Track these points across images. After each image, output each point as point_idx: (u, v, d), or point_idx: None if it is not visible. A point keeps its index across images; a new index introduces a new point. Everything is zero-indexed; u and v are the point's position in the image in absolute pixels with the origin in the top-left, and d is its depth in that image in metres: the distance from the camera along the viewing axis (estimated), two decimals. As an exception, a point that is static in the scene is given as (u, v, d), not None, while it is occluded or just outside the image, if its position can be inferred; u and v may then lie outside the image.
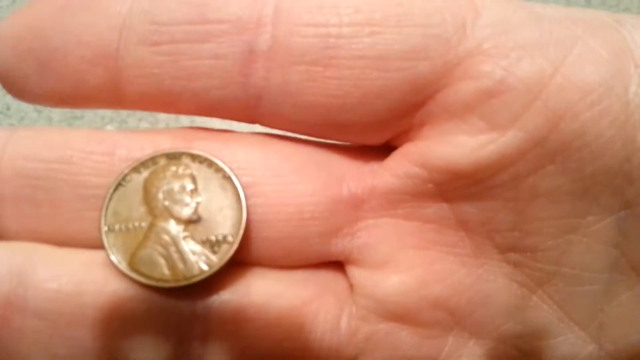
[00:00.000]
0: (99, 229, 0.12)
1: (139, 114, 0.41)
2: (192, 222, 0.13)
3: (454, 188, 0.13)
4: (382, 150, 0.14)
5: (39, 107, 0.41)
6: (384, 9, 0.12)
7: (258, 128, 0.14)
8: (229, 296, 0.13)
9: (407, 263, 0.14)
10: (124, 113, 0.40)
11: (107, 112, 0.41)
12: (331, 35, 0.12)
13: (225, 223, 0.13)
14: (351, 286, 0.14)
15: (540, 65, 0.12)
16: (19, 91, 0.13)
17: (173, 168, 0.13)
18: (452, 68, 0.12)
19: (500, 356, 0.14)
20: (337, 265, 0.14)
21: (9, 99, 0.42)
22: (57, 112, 0.41)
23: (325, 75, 0.12)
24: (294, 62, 0.12)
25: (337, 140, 0.14)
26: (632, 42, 0.12)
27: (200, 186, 0.13)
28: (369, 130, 0.13)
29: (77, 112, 0.40)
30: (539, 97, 0.12)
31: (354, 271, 0.14)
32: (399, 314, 0.14)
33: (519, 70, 0.12)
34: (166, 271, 0.12)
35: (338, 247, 0.14)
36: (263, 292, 0.13)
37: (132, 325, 0.12)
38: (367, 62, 0.12)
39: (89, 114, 0.40)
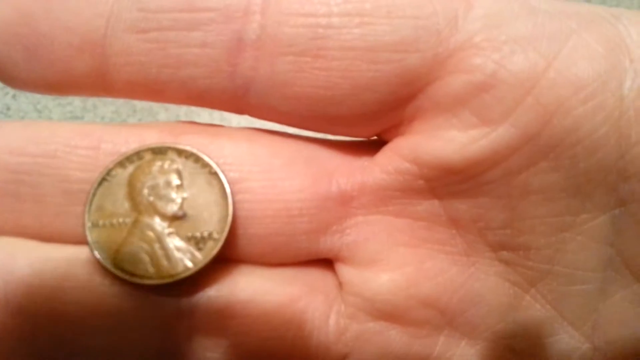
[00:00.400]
0: (83, 225, 0.12)
1: (140, 114, 0.41)
2: (177, 218, 0.13)
3: (445, 184, 0.13)
4: (373, 145, 0.14)
5: (39, 107, 0.42)
6: (375, 0, 0.12)
7: (249, 119, 0.14)
8: (215, 293, 0.13)
9: (397, 261, 0.14)
10: (124, 113, 0.40)
11: (107, 113, 0.41)
12: (320, 25, 0.12)
13: (211, 219, 0.13)
14: (340, 284, 0.14)
15: (533, 59, 0.12)
16: (7, 77, 0.13)
17: (159, 163, 0.13)
18: (443, 61, 0.12)
19: (492, 357, 0.14)
20: (326, 263, 0.14)
21: (8, 99, 0.42)
22: (56, 112, 0.41)
23: (314, 66, 0.12)
24: (282, 52, 0.12)
25: (326, 133, 0.14)
26: (627, 36, 0.12)
27: (186, 182, 0.13)
28: (358, 123, 0.13)
29: (77, 112, 0.41)
30: (532, 92, 0.12)
31: (343, 269, 0.14)
32: (389, 313, 0.13)
33: (511, 64, 0.12)
34: (150, 268, 0.12)
35: (327, 244, 0.14)
36: (249, 289, 0.13)
37: (116, 322, 0.12)
38: (356, 53, 0.12)
39: (89, 115, 0.41)
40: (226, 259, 0.13)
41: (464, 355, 0.14)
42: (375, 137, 0.15)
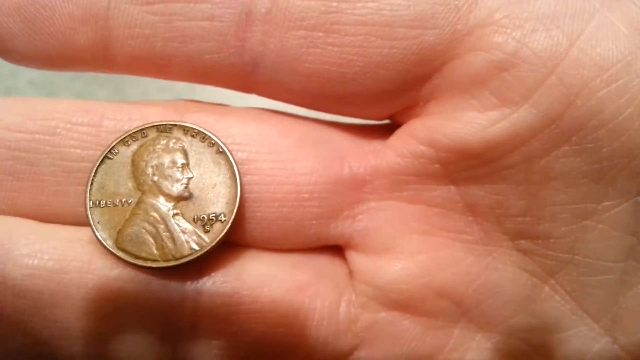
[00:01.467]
0: (84, 205, 0.12)
1: None
2: (183, 199, 0.12)
3: (462, 169, 0.13)
4: (385, 129, 0.14)
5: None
6: None
7: (253, 102, 0.14)
8: (221, 278, 0.12)
9: (411, 249, 0.13)
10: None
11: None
12: None
13: (218, 201, 0.12)
14: (351, 272, 0.14)
15: (556, 38, 0.12)
16: (4, 51, 0.13)
17: (163, 141, 0.13)
18: (461, 38, 0.12)
19: (508, 350, 0.13)
20: (336, 249, 0.14)
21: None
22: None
23: (326, 41, 0.12)
24: (293, 27, 0.12)
25: (337, 113, 0.14)
26: None
27: (192, 161, 0.13)
28: (371, 103, 0.13)
29: None
30: (554, 72, 0.12)
31: (354, 256, 0.14)
32: (402, 303, 0.13)
33: (533, 43, 0.12)
34: (155, 250, 0.12)
35: (337, 230, 0.14)
36: (257, 274, 0.13)
37: (117, 306, 0.12)
38: (370, 28, 0.12)
39: None
40: (233, 242, 0.13)
41: (479, 349, 0.14)
42: (387, 121, 0.15)
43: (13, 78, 0.43)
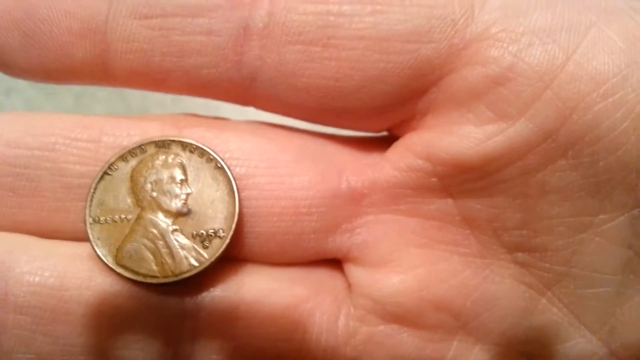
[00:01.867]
0: (84, 221, 0.12)
1: (135, 113, 0.41)
2: (181, 214, 0.13)
3: (460, 182, 0.13)
4: (382, 142, 0.14)
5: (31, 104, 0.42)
6: None
7: (250, 113, 0.14)
8: (220, 293, 0.13)
9: (409, 262, 0.14)
10: (118, 112, 0.41)
11: (101, 110, 0.41)
12: (331, 13, 0.12)
13: (216, 216, 0.13)
14: (349, 286, 0.14)
15: (552, 52, 0.12)
16: (3, 64, 0.13)
17: (162, 157, 0.13)
18: (458, 52, 0.12)
19: None
20: (334, 263, 0.14)
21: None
22: (48, 109, 0.41)
23: (324, 56, 0.12)
24: (290, 41, 0.12)
25: (334, 126, 0.14)
26: None
27: (190, 177, 0.13)
28: (368, 117, 0.13)
29: (69, 109, 0.41)
30: (550, 86, 0.12)
31: (352, 270, 0.14)
32: (400, 316, 0.13)
33: (529, 57, 0.12)
34: (154, 266, 0.12)
35: (336, 244, 0.14)
36: (256, 289, 0.13)
37: (118, 322, 0.12)
38: (368, 43, 0.12)
39: (82, 112, 0.41)
40: (232, 257, 0.13)
41: None
42: (385, 133, 0.15)
43: (13, 80, 0.45)
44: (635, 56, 0.12)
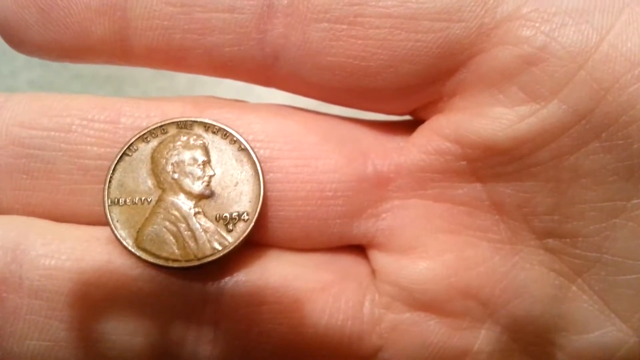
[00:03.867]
0: (102, 203, 0.12)
1: None
2: (204, 197, 0.13)
3: (489, 166, 0.13)
4: (408, 125, 0.14)
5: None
6: None
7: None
8: (244, 278, 0.13)
9: (436, 248, 0.14)
10: None
11: None
12: None
13: (240, 199, 0.12)
14: (374, 272, 0.14)
15: (585, 32, 0.12)
16: (19, 42, 0.13)
17: (184, 138, 0.13)
18: (488, 32, 0.12)
19: (535, 352, 0.14)
20: (359, 249, 0.14)
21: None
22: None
23: (350, 34, 0.12)
24: (315, 19, 0.12)
25: (359, 108, 0.14)
26: None
27: (213, 158, 0.13)
28: (395, 98, 0.13)
29: None
30: (584, 67, 0.12)
31: (377, 256, 0.14)
32: (427, 303, 0.14)
33: (562, 37, 0.12)
34: (176, 250, 0.12)
35: (361, 229, 0.14)
36: (280, 274, 0.13)
37: (137, 307, 0.12)
38: (395, 21, 0.12)
39: None
40: (256, 242, 0.13)
41: (506, 350, 0.14)
42: (409, 117, 0.15)
43: (13, 78, 0.43)
44: None
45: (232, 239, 0.12)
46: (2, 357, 0.12)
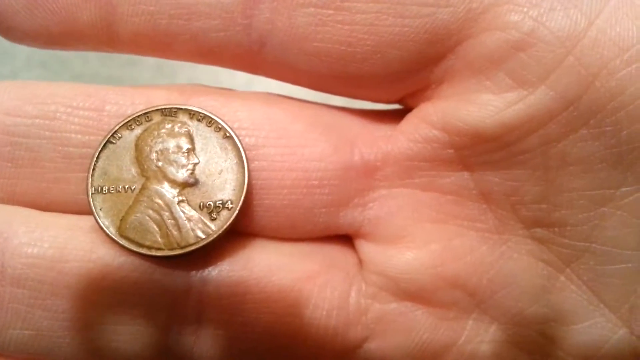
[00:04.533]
0: (86, 191, 0.12)
1: None
2: (188, 185, 0.13)
3: (477, 153, 0.13)
4: (396, 113, 0.14)
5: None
6: None
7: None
8: (228, 267, 0.13)
9: (423, 238, 0.14)
10: None
11: None
12: None
13: (225, 187, 0.13)
14: (360, 262, 0.14)
15: (574, 17, 0.12)
16: (6, 29, 0.13)
17: (168, 125, 0.13)
18: (476, 17, 0.12)
19: (523, 342, 0.14)
20: (345, 238, 0.14)
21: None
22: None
23: (336, 19, 0.12)
24: (302, 4, 0.12)
25: (346, 95, 0.14)
26: None
27: (198, 146, 0.13)
28: (382, 85, 0.14)
29: None
30: (572, 52, 0.12)
31: (364, 246, 0.14)
32: (414, 293, 0.14)
33: (551, 21, 0.12)
34: (159, 238, 0.12)
35: (347, 218, 0.14)
36: (264, 264, 0.13)
37: (120, 296, 0.12)
38: (382, 6, 0.12)
39: None
40: (240, 231, 0.13)
41: (494, 341, 0.14)
42: (397, 106, 0.15)
43: (13, 78, 0.43)
44: None
45: (215, 228, 0.12)
46: None
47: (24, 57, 0.45)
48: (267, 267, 0.13)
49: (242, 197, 0.12)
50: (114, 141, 0.13)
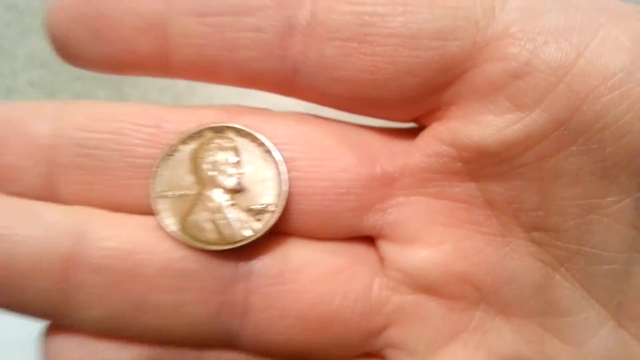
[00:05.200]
0: (149, 195, 0.15)
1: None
2: (236, 191, 0.15)
3: (482, 167, 0.15)
4: (411, 131, 0.16)
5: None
6: None
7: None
8: (269, 261, 0.15)
9: (436, 239, 0.16)
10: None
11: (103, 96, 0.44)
12: (366, 12, 0.14)
13: (267, 194, 0.15)
14: (381, 259, 0.16)
15: (565, 50, 0.14)
16: (72, 56, 0.15)
17: (218, 141, 0.15)
18: (480, 49, 0.14)
19: (525, 332, 0.16)
20: (368, 239, 0.16)
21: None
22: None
23: (360, 51, 0.14)
24: (330, 38, 0.14)
25: (368, 115, 0.16)
26: None
27: (243, 158, 0.15)
28: (399, 107, 0.15)
29: None
30: (563, 80, 0.14)
31: (384, 245, 0.16)
32: (428, 287, 0.16)
33: (545, 54, 0.14)
34: (213, 235, 0.15)
35: (369, 222, 0.16)
36: (300, 259, 0.15)
37: (181, 283, 0.15)
38: (399, 40, 0.14)
39: None
40: (279, 231, 0.15)
41: (498, 330, 0.16)
42: (413, 125, 0.17)
43: (13, 78, 0.46)
44: (639, 54, 0.14)
45: (259, 227, 0.15)
46: (71, 324, 0.15)
47: (24, 57, 0.46)
48: (301, 262, 0.15)
49: (282, 203, 0.15)
50: (172, 154, 0.15)
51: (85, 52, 0.15)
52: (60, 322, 0.15)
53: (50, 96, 0.46)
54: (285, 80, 0.15)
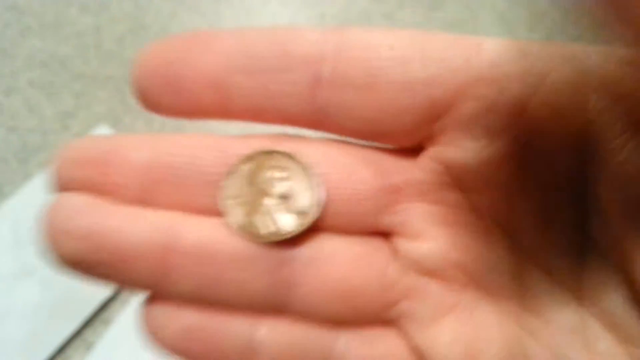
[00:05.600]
0: (219, 203, 0.19)
1: (135, 113, 0.47)
2: (283, 198, 0.20)
3: (465, 181, 0.17)
4: (414, 152, 0.20)
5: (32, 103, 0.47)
6: (411, 47, 0.17)
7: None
8: (307, 249, 0.18)
9: (434, 235, 0.19)
10: (117, 109, 0.47)
11: (101, 110, 0.47)
12: (373, 67, 0.17)
13: (306, 200, 0.19)
14: (394, 250, 0.19)
15: (522, 91, 0.16)
16: (154, 106, 0.18)
17: (268, 161, 0.20)
18: (459, 92, 0.16)
19: (509, 312, 0.18)
20: (384, 235, 0.19)
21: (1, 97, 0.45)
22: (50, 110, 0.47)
23: (370, 96, 0.17)
24: (347, 87, 0.17)
25: (379, 142, 0.19)
26: (591, 70, 0.16)
27: (287, 174, 0.20)
28: (401, 137, 0.18)
29: (70, 109, 0.47)
30: (522, 115, 0.16)
31: (395, 240, 0.19)
32: (429, 271, 0.19)
33: (507, 94, 0.16)
34: (266, 231, 0.19)
35: (384, 222, 0.19)
36: (331, 247, 0.19)
37: (244, 265, 0.19)
38: (398, 86, 0.17)
39: (82, 112, 0.47)
40: (315, 228, 0.18)
41: (485, 310, 0.18)
42: (415, 146, 0.20)
43: (13, 78, 0.47)
44: (581, 90, 0.15)
45: (302, 225, 0.19)
46: (167, 295, 0.19)
47: (24, 57, 0.48)
48: (332, 250, 0.19)
49: (317, 207, 0.19)
50: (234, 171, 0.19)
51: (163, 103, 0.18)
52: (158, 293, 0.19)
53: (50, 96, 0.46)
54: (315, 120, 0.18)
